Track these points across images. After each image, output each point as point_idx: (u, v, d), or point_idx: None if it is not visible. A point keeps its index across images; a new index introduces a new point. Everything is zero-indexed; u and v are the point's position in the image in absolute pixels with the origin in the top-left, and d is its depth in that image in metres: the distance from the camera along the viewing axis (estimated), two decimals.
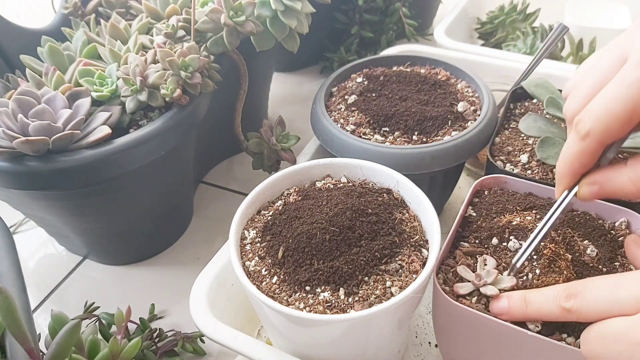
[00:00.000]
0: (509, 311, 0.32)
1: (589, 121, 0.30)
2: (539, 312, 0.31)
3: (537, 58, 0.55)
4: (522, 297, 0.32)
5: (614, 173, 0.31)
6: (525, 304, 0.32)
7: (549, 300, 0.31)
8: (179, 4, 0.54)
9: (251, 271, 0.37)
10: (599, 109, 0.30)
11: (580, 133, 0.31)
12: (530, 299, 0.32)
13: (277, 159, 0.56)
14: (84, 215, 0.49)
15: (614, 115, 0.29)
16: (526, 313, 0.32)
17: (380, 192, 0.41)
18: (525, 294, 0.32)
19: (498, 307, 0.33)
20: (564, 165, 0.33)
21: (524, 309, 0.32)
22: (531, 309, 0.32)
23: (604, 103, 0.30)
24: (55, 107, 0.44)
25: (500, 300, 0.33)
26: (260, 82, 0.67)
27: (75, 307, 0.52)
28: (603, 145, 0.31)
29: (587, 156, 0.31)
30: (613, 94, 0.29)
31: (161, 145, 0.46)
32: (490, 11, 0.86)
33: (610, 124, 0.29)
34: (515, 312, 0.32)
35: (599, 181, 0.32)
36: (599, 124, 0.30)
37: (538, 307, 0.31)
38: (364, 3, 0.77)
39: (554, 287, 0.32)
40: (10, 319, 0.27)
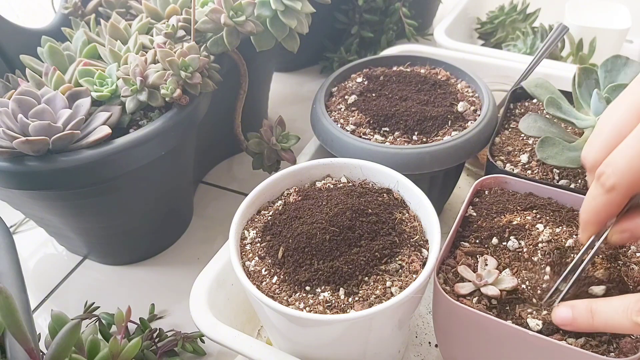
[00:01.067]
0: (573, 322, 0.32)
1: (613, 176, 0.30)
2: (607, 324, 0.30)
3: (537, 58, 0.55)
4: (587, 307, 0.31)
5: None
6: (592, 315, 0.31)
7: (618, 312, 0.30)
8: (179, 4, 0.54)
9: (251, 271, 0.37)
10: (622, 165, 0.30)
11: (605, 186, 0.31)
12: (597, 310, 0.31)
13: (277, 159, 0.56)
14: (84, 215, 0.49)
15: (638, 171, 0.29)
16: (592, 324, 0.31)
17: (380, 192, 0.41)
18: (591, 304, 0.31)
19: (561, 318, 0.32)
20: (589, 216, 0.33)
21: (590, 320, 0.31)
22: (598, 320, 0.31)
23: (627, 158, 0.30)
24: (55, 107, 0.44)
25: (563, 310, 0.32)
26: (260, 82, 0.67)
27: (75, 307, 0.52)
28: (629, 196, 0.31)
29: (614, 207, 0.32)
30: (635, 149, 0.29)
31: (161, 145, 0.46)
32: (490, 11, 0.86)
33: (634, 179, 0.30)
34: (580, 324, 0.31)
35: (629, 229, 0.32)
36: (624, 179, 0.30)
37: (606, 319, 0.30)
38: (364, 3, 0.77)
39: (623, 299, 0.31)
40: (10, 319, 0.27)
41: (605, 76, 0.44)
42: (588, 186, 0.33)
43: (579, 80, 0.45)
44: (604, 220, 0.33)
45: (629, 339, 0.32)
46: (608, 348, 0.32)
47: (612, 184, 0.30)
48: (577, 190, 0.42)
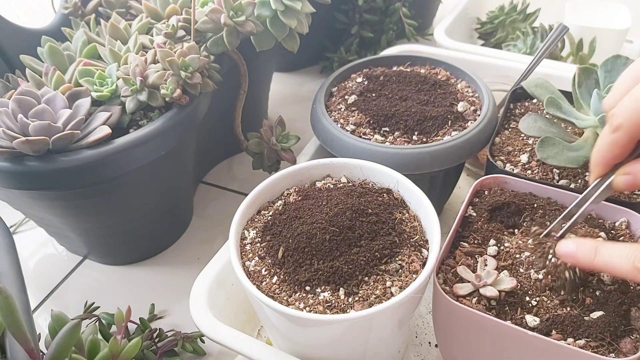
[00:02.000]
0: (575, 255, 0.32)
1: (620, 116, 0.32)
2: (607, 264, 0.31)
3: (537, 58, 0.55)
4: (593, 246, 0.32)
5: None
6: (595, 253, 0.32)
7: (622, 256, 0.31)
8: (179, 4, 0.54)
9: (251, 271, 0.37)
10: (629, 104, 0.31)
11: (612, 126, 0.32)
12: (602, 250, 0.32)
13: (277, 159, 0.56)
14: (84, 215, 0.50)
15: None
16: (593, 262, 0.32)
17: (380, 192, 0.41)
18: (597, 244, 0.32)
19: (564, 249, 0.33)
20: (596, 155, 0.34)
21: (592, 257, 0.32)
22: (599, 259, 0.32)
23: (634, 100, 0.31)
24: (55, 107, 0.44)
25: (568, 242, 0.33)
26: (260, 82, 0.67)
27: (75, 307, 0.52)
28: (634, 138, 0.32)
29: (618, 148, 0.33)
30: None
31: (161, 145, 0.46)
32: (490, 11, 0.86)
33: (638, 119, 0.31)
34: (581, 258, 0.32)
35: (632, 172, 0.33)
36: (629, 119, 0.31)
37: (608, 259, 0.31)
38: (364, 3, 0.77)
39: (630, 245, 0.31)
40: (10, 319, 0.27)
41: (605, 76, 0.44)
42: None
43: (579, 80, 0.45)
44: (610, 161, 0.34)
45: (629, 339, 0.32)
46: (608, 348, 0.32)
47: (618, 123, 0.32)
48: (577, 190, 0.42)
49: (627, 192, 0.42)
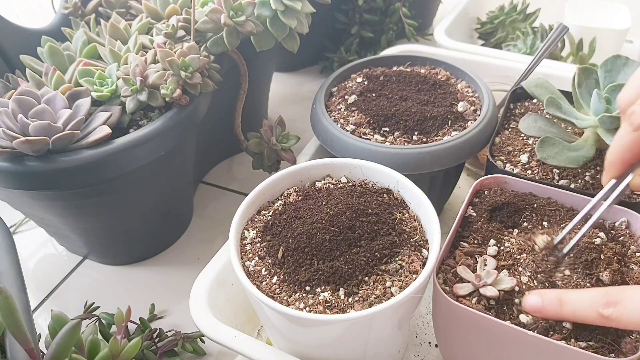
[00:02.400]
0: (542, 309, 0.32)
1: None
2: (575, 314, 0.31)
3: (537, 58, 0.55)
4: (557, 296, 0.32)
5: None
6: (560, 305, 0.31)
7: (586, 304, 0.30)
8: (179, 4, 0.54)
9: (251, 271, 0.37)
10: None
11: (634, 124, 0.31)
12: (566, 300, 0.31)
13: (277, 159, 0.56)
14: (84, 215, 0.49)
15: None
16: (560, 313, 0.32)
17: (380, 192, 0.41)
18: (560, 294, 0.32)
19: (530, 305, 0.33)
20: (614, 154, 0.33)
21: (557, 308, 0.32)
22: (566, 310, 0.31)
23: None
24: (55, 107, 0.44)
25: (533, 297, 0.33)
26: (260, 82, 0.67)
27: (75, 307, 0.52)
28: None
29: (638, 146, 0.32)
30: None
31: (161, 145, 0.46)
32: (490, 11, 0.86)
33: None
34: (548, 311, 0.32)
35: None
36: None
37: (573, 310, 0.31)
38: (364, 3, 0.77)
39: (592, 291, 0.31)
40: (10, 319, 0.27)
41: (605, 76, 0.44)
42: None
43: (579, 80, 0.45)
44: (628, 160, 0.33)
45: (629, 339, 0.32)
46: (608, 348, 0.32)
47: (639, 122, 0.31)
48: (577, 190, 0.42)
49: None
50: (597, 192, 0.42)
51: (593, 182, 0.43)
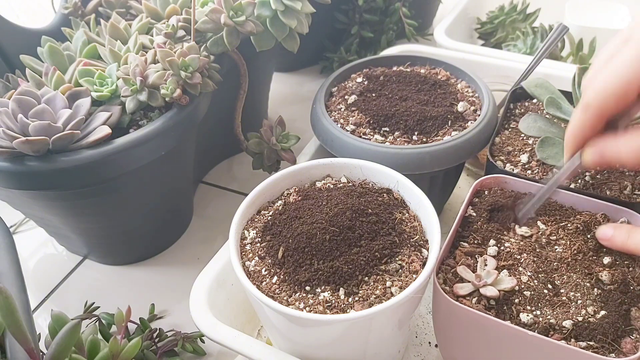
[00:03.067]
0: (611, 238, 0.36)
1: (590, 94, 0.33)
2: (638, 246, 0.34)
3: (537, 58, 0.55)
4: (627, 230, 0.35)
5: (614, 141, 0.34)
6: (628, 236, 0.35)
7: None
8: (179, 4, 0.54)
9: (251, 271, 0.37)
10: (597, 84, 0.33)
11: (582, 104, 0.34)
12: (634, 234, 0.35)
13: (277, 159, 0.56)
14: (84, 215, 0.49)
15: (609, 90, 0.32)
16: (626, 243, 0.35)
17: (380, 192, 0.41)
18: (630, 229, 0.35)
19: (603, 232, 0.36)
20: (568, 134, 0.36)
21: (625, 239, 0.35)
22: (632, 241, 0.35)
23: (601, 79, 0.33)
24: (55, 107, 0.44)
25: (607, 228, 0.36)
26: (260, 82, 0.67)
27: (75, 307, 0.52)
28: (602, 117, 0.34)
29: (588, 126, 0.34)
30: (610, 70, 0.32)
31: (161, 145, 0.46)
32: (490, 11, 0.86)
33: (605, 98, 0.33)
34: (616, 240, 0.36)
35: (600, 148, 0.34)
36: (596, 97, 0.33)
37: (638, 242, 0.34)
38: (364, 3, 0.77)
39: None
40: (10, 319, 0.27)
41: None
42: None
43: (579, 80, 0.45)
44: (580, 139, 0.35)
45: (629, 339, 0.32)
46: (608, 348, 0.32)
47: (587, 102, 0.34)
48: (577, 190, 0.42)
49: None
50: (596, 192, 0.42)
51: (593, 182, 0.43)
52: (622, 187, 0.42)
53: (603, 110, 0.33)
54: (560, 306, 0.34)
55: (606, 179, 0.43)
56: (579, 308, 0.34)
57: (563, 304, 0.34)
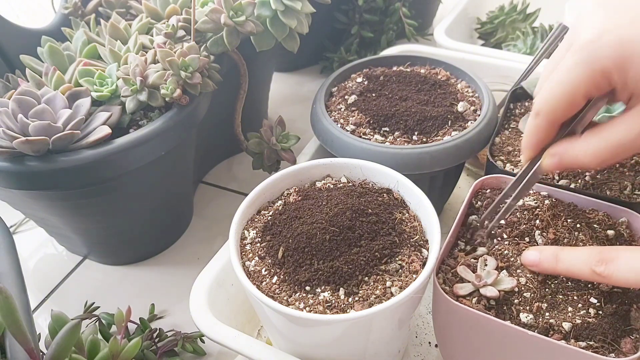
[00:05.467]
0: (539, 264, 0.34)
1: (539, 102, 0.34)
2: (569, 270, 0.33)
3: (537, 58, 0.55)
4: (554, 253, 0.34)
5: (570, 145, 0.34)
6: (556, 261, 0.34)
7: (580, 261, 0.32)
8: (179, 4, 0.54)
9: (251, 271, 0.37)
10: (545, 91, 0.34)
11: (534, 111, 0.35)
12: (562, 257, 0.33)
13: (277, 159, 0.56)
14: (84, 215, 0.49)
15: (556, 98, 0.33)
16: (555, 268, 0.34)
17: (380, 192, 0.41)
18: (557, 250, 0.34)
19: (529, 259, 0.35)
20: (524, 139, 0.37)
21: (554, 264, 0.34)
22: (561, 266, 0.33)
23: (548, 86, 0.33)
24: (55, 107, 0.44)
25: (531, 252, 0.35)
26: (260, 82, 0.67)
27: (75, 307, 0.52)
28: (554, 123, 0.34)
29: (541, 132, 0.35)
30: (555, 78, 0.33)
31: (161, 145, 0.46)
32: (490, 11, 0.86)
33: (554, 104, 0.33)
34: (545, 266, 0.34)
35: (558, 152, 0.35)
36: (546, 105, 0.34)
37: (568, 266, 0.33)
38: (364, 3, 0.77)
39: (587, 249, 0.33)
40: (10, 319, 0.27)
41: None
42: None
43: None
44: (535, 145, 0.36)
45: (629, 339, 0.32)
46: (608, 348, 0.32)
47: (537, 109, 0.34)
48: (577, 190, 0.42)
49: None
50: (596, 192, 0.42)
51: (593, 182, 0.43)
52: (622, 187, 0.42)
53: (553, 118, 0.34)
54: (560, 306, 0.34)
55: (606, 179, 0.43)
56: (579, 308, 0.34)
57: (563, 304, 0.34)
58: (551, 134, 0.35)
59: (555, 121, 0.34)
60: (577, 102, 0.33)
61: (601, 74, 0.31)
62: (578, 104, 0.33)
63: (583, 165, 0.33)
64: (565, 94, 0.32)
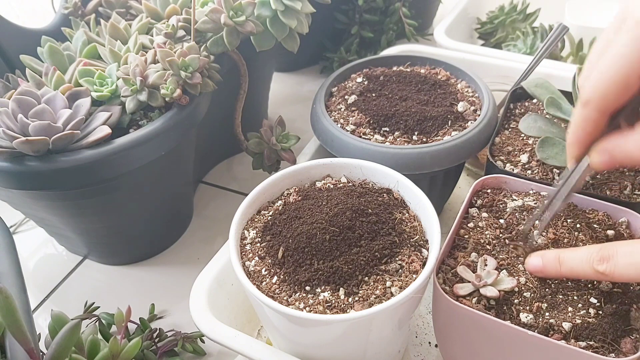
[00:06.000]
0: (543, 269, 0.34)
1: (587, 89, 0.31)
2: (572, 272, 0.33)
3: (537, 58, 0.55)
4: (556, 256, 0.34)
5: (622, 139, 0.31)
6: (559, 264, 0.33)
7: (582, 261, 0.32)
8: (179, 4, 0.54)
9: (251, 271, 0.37)
10: (595, 77, 0.30)
11: (582, 101, 0.31)
12: (564, 259, 0.33)
13: (277, 159, 0.56)
14: (84, 215, 0.49)
15: (609, 82, 0.29)
16: (560, 272, 0.33)
17: (380, 192, 0.41)
18: (559, 253, 0.34)
19: (533, 266, 0.35)
20: (571, 134, 0.33)
21: (557, 268, 0.33)
22: (565, 268, 0.33)
23: (599, 71, 0.30)
24: (55, 107, 0.44)
25: (534, 259, 0.35)
26: (260, 82, 0.67)
27: (75, 307, 0.52)
28: (605, 112, 0.31)
29: (590, 124, 0.31)
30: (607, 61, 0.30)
31: (161, 145, 0.46)
32: (490, 11, 0.86)
33: (606, 91, 0.30)
34: (549, 271, 0.34)
35: (608, 149, 0.32)
36: (596, 92, 0.30)
37: (571, 267, 0.33)
38: (364, 3, 0.77)
39: (587, 249, 0.33)
40: (10, 319, 0.27)
41: None
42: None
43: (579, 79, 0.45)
44: (583, 139, 0.33)
45: (629, 339, 0.32)
46: (608, 348, 0.32)
47: (586, 98, 0.31)
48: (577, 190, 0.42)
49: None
50: (596, 192, 0.42)
51: (593, 182, 0.43)
52: (622, 187, 0.42)
53: (604, 106, 0.30)
54: (560, 306, 0.34)
55: (606, 179, 0.43)
56: (579, 308, 0.34)
57: (563, 304, 0.34)
58: (600, 126, 0.31)
59: (607, 110, 0.31)
60: (632, 85, 0.29)
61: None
62: (633, 88, 0.29)
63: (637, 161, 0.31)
64: (620, 76, 0.29)
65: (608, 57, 0.30)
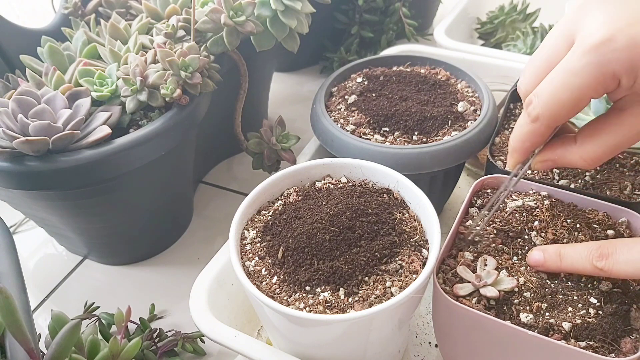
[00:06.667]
0: (544, 264, 0.35)
1: (538, 106, 0.32)
2: (572, 267, 0.34)
3: None
4: (556, 251, 0.34)
5: (565, 151, 0.34)
6: (560, 259, 0.34)
7: (582, 257, 0.33)
8: (179, 4, 0.54)
9: (251, 271, 0.37)
10: (546, 95, 0.32)
11: (531, 116, 0.33)
12: (565, 254, 0.34)
13: (277, 159, 0.56)
14: (84, 215, 0.49)
15: (561, 103, 0.31)
16: (560, 266, 0.34)
17: (380, 192, 0.41)
18: (559, 249, 0.34)
19: (534, 260, 0.35)
20: (516, 142, 0.36)
21: (558, 262, 0.34)
22: (565, 263, 0.34)
23: (550, 90, 0.32)
24: (55, 107, 0.44)
25: (536, 253, 0.35)
26: (260, 82, 0.67)
27: (75, 307, 0.52)
28: (552, 127, 0.34)
29: (538, 137, 0.34)
30: (559, 81, 0.31)
31: (161, 145, 0.46)
32: (490, 11, 0.86)
33: (557, 111, 0.32)
34: (550, 265, 0.35)
35: (552, 159, 0.35)
36: (547, 110, 0.32)
37: (571, 263, 0.34)
38: (364, 3, 0.77)
39: (587, 245, 0.33)
40: (10, 319, 0.27)
41: None
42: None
43: None
44: (528, 148, 0.36)
45: (629, 339, 0.32)
46: (608, 348, 0.32)
47: (536, 115, 0.33)
48: (577, 190, 0.42)
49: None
50: (596, 192, 0.42)
51: (593, 182, 0.43)
52: (622, 187, 0.42)
53: (554, 123, 0.33)
54: (560, 306, 0.34)
55: (606, 179, 0.43)
56: (579, 308, 0.34)
57: (563, 304, 0.34)
58: (546, 137, 0.35)
59: (555, 125, 0.34)
60: (582, 106, 0.32)
61: (612, 77, 0.30)
62: (582, 108, 0.32)
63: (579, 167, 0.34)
64: (573, 100, 0.31)
65: (560, 77, 0.31)
